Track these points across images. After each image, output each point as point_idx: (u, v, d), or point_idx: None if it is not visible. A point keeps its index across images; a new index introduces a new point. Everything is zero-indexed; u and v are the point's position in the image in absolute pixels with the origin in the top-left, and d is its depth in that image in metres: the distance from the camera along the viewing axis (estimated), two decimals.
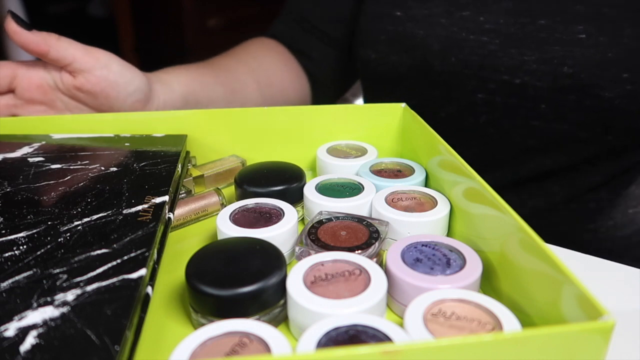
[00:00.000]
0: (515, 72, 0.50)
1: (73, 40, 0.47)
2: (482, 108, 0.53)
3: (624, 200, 0.56)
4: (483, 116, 0.54)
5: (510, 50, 0.50)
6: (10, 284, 0.28)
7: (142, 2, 2.09)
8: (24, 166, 0.40)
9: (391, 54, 0.56)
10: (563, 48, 0.48)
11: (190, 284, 0.29)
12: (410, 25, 0.54)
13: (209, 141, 0.48)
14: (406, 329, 0.27)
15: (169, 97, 0.52)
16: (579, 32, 0.48)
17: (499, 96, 0.52)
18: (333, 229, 0.36)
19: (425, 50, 0.54)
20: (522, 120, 0.52)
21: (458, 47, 0.52)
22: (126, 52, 2.08)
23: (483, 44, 0.51)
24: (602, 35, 0.47)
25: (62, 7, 2.31)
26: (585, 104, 0.49)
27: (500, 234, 0.32)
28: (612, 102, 0.48)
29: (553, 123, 0.51)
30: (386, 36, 0.56)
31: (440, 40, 0.53)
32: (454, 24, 0.52)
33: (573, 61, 0.48)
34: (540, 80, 0.49)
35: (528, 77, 0.50)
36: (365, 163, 0.45)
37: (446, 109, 0.56)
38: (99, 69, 0.47)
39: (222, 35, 1.41)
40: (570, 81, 0.48)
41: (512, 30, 0.50)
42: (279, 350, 0.25)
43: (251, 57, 0.64)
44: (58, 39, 0.46)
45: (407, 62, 0.55)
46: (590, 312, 0.23)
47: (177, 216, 0.41)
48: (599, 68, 0.47)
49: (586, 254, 0.41)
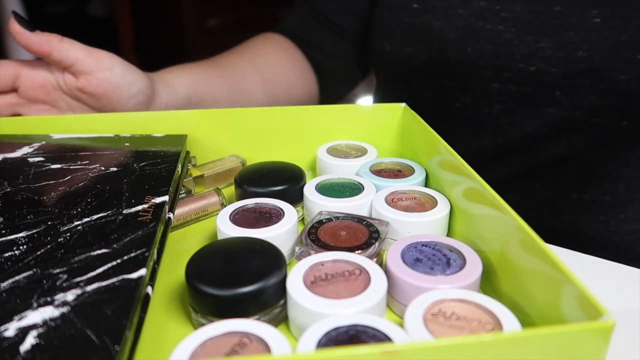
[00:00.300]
0: (531, 59, 0.51)
1: (76, 41, 0.47)
2: (497, 98, 0.54)
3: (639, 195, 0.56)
4: (498, 106, 0.54)
5: (526, 38, 0.51)
6: (10, 284, 0.28)
7: (142, 2, 2.09)
8: (24, 166, 0.40)
9: (407, 45, 0.56)
10: (578, 33, 0.49)
11: (190, 284, 0.29)
12: (427, 17, 0.55)
13: (209, 141, 0.48)
14: (406, 329, 0.27)
15: (172, 98, 0.52)
16: (594, 16, 0.48)
17: (513, 85, 0.52)
18: (333, 229, 0.36)
19: (442, 41, 0.54)
20: (536, 108, 0.53)
21: (474, 37, 0.53)
22: (126, 52, 2.08)
23: (499, 33, 0.52)
24: (616, 18, 0.48)
25: (62, 7, 2.30)
26: (600, 88, 0.49)
27: (500, 234, 0.32)
28: (627, 84, 0.48)
29: (567, 110, 0.52)
30: (402, 28, 0.56)
31: (457, 31, 0.53)
32: (471, 13, 0.53)
33: (588, 45, 0.48)
34: (555, 67, 0.50)
35: (543, 64, 0.50)
36: (365, 163, 0.45)
37: (461, 99, 0.56)
38: (101, 71, 0.47)
39: (222, 35, 1.41)
40: (585, 65, 0.49)
41: (528, 18, 0.51)
42: (279, 350, 0.25)
43: (258, 54, 0.64)
44: (61, 40, 0.46)
45: (422, 53, 0.56)
46: (590, 312, 0.23)
47: (177, 216, 0.41)
48: (613, 50, 0.48)
49: (586, 254, 0.41)
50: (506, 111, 0.54)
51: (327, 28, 0.67)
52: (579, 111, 0.51)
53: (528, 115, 0.53)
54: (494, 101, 0.54)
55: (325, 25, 0.67)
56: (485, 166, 0.57)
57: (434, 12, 0.55)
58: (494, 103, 0.54)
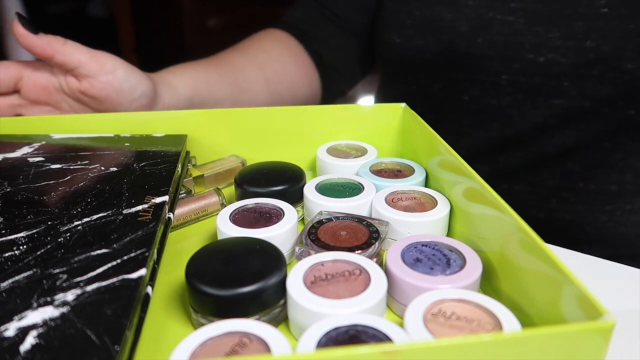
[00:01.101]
0: (540, 49, 0.51)
1: (79, 44, 0.47)
2: (506, 89, 0.54)
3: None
4: (506, 98, 0.55)
5: (536, 28, 0.51)
6: (10, 284, 0.28)
7: (142, 2, 2.10)
8: (24, 166, 0.40)
9: (417, 37, 0.57)
10: (586, 23, 0.49)
11: (190, 284, 0.29)
12: (438, 9, 0.55)
13: (209, 141, 0.48)
14: (406, 329, 0.27)
15: (174, 99, 0.52)
16: (602, 6, 0.49)
17: (522, 76, 0.53)
18: (333, 229, 0.36)
19: (453, 33, 0.54)
20: (545, 99, 0.53)
21: (485, 28, 0.53)
22: (126, 52, 2.08)
23: (509, 23, 0.52)
24: (623, 7, 0.48)
25: (62, 7, 2.30)
26: (608, 77, 0.50)
27: (500, 234, 0.32)
28: (634, 73, 0.49)
29: (576, 100, 0.52)
30: (412, 20, 0.57)
31: (468, 22, 0.54)
32: (481, 5, 0.53)
33: (596, 34, 0.49)
34: (564, 56, 0.50)
35: (552, 54, 0.51)
36: (365, 163, 0.45)
37: (470, 91, 0.56)
38: (104, 75, 0.47)
39: (222, 35, 1.41)
40: (593, 55, 0.49)
41: (537, 8, 0.51)
42: (279, 350, 0.25)
43: (261, 51, 0.63)
44: (64, 43, 0.45)
45: (433, 45, 0.56)
46: (590, 312, 0.23)
47: (177, 216, 0.41)
48: (621, 40, 0.48)
49: (586, 255, 0.41)
50: (515, 102, 0.55)
51: (332, 22, 0.67)
52: (587, 101, 0.52)
53: (536, 106, 0.54)
54: (502, 93, 0.55)
55: (331, 19, 0.67)
56: (494, 157, 0.58)
57: (444, 3, 0.55)
58: (503, 95, 0.55)
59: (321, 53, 0.67)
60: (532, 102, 0.54)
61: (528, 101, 0.54)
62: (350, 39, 0.67)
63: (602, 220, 0.57)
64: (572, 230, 0.57)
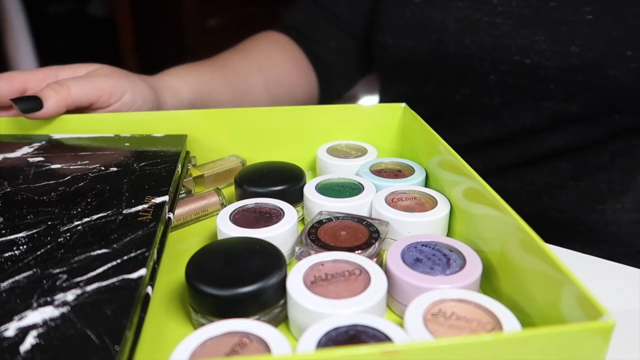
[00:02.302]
0: (526, 52, 0.52)
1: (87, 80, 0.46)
2: (496, 90, 0.55)
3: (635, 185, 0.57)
4: (497, 98, 0.56)
5: (522, 31, 0.52)
6: (10, 284, 0.28)
7: (142, 2, 2.09)
8: (24, 166, 0.40)
9: (408, 38, 0.58)
10: (571, 28, 0.50)
11: (190, 284, 0.29)
12: (428, 10, 0.56)
13: (209, 141, 0.48)
14: (406, 329, 0.27)
15: (177, 104, 0.52)
16: (587, 13, 0.50)
17: (511, 77, 0.54)
18: (333, 229, 0.36)
19: (441, 32, 0.56)
20: (533, 101, 0.54)
21: (472, 29, 0.54)
22: (126, 52, 2.08)
23: (496, 25, 0.53)
24: (607, 15, 0.49)
25: (62, 7, 2.31)
26: (593, 83, 0.50)
27: (500, 234, 0.32)
28: (618, 80, 0.49)
29: (562, 104, 0.53)
30: (404, 22, 0.58)
31: (456, 22, 0.55)
32: (469, 6, 0.55)
33: (581, 40, 0.50)
34: (549, 60, 0.51)
35: (538, 57, 0.52)
36: (365, 163, 0.45)
37: (461, 91, 0.58)
38: (113, 104, 0.47)
39: (222, 35, 1.41)
40: (578, 60, 0.50)
41: (524, 12, 0.52)
42: (279, 350, 0.25)
43: (261, 55, 0.64)
44: (69, 89, 0.44)
45: (423, 45, 0.57)
46: (590, 312, 0.23)
47: (177, 216, 0.41)
48: (605, 47, 0.49)
49: (586, 255, 0.41)
50: (505, 103, 0.56)
51: (333, 24, 0.67)
52: (573, 105, 0.52)
53: (526, 108, 0.55)
54: (493, 93, 0.56)
55: (332, 21, 0.67)
56: (488, 155, 0.59)
57: (434, 4, 0.56)
58: (493, 95, 0.56)
59: (320, 55, 0.68)
60: (521, 104, 0.55)
61: (518, 102, 0.55)
62: (349, 40, 0.68)
63: (595, 219, 0.57)
64: (566, 228, 0.58)
